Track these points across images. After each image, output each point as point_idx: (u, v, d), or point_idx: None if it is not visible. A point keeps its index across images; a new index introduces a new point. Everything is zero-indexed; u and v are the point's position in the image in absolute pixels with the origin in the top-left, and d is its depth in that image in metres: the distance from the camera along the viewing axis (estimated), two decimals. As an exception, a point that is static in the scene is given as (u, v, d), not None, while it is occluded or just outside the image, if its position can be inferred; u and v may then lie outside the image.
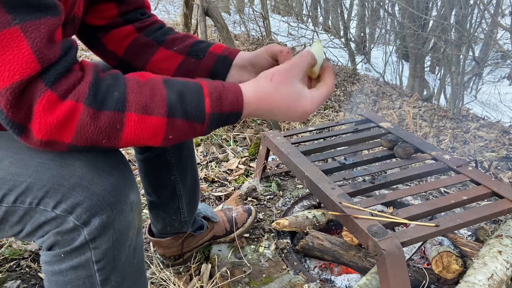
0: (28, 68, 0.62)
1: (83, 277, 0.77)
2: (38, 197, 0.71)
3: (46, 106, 0.64)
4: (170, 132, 0.73)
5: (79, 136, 0.68)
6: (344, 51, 5.87)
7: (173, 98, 0.73)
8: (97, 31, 1.05)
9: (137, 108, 0.70)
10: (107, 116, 0.68)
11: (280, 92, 0.80)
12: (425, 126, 3.38)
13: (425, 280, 1.35)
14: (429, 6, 5.70)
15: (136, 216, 0.81)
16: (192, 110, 0.74)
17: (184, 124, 0.74)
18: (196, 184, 1.40)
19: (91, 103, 0.66)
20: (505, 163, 2.43)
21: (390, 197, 1.38)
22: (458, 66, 4.47)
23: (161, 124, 0.72)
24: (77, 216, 0.72)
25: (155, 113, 0.71)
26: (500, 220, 1.70)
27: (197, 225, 1.48)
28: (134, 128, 0.70)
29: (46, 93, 0.64)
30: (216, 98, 0.75)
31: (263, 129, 3.03)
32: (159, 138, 0.74)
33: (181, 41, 1.06)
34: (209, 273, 1.46)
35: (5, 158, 0.74)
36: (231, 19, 7.37)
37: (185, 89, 0.75)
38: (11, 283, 1.39)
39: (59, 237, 0.73)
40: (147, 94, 0.71)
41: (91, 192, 0.72)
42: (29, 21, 0.63)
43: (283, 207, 1.83)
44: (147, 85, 0.72)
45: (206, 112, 0.75)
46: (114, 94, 0.69)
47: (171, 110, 0.72)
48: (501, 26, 3.64)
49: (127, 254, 0.80)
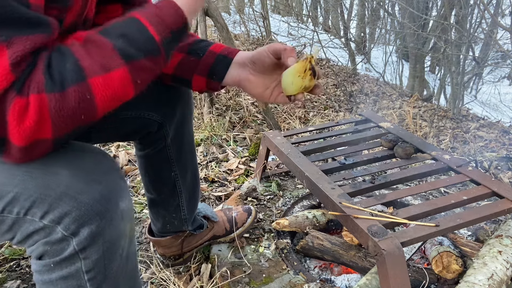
0: (5, 81, 0.61)
1: (73, 287, 0.76)
2: (25, 207, 0.70)
3: (19, 113, 0.63)
4: (136, 76, 0.73)
5: (58, 124, 0.66)
6: (344, 51, 5.87)
7: (120, 43, 0.71)
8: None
9: (95, 70, 0.68)
10: (72, 92, 0.65)
11: None
12: (425, 126, 3.38)
13: (425, 280, 1.35)
14: (429, 6, 5.70)
15: (128, 224, 0.79)
16: (143, 45, 0.73)
17: (144, 63, 0.73)
18: (196, 181, 1.40)
19: (52, 88, 0.64)
20: (505, 163, 2.43)
21: (390, 197, 1.38)
22: (458, 66, 4.47)
23: (125, 74, 0.71)
24: (65, 226, 0.70)
25: (114, 67, 0.69)
26: (500, 220, 1.70)
27: (197, 224, 1.49)
28: (103, 90, 0.68)
29: (15, 100, 0.62)
30: (157, 23, 0.75)
31: (263, 129, 3.03)
32: (130, 88, 0.73)
33: None
34: (209, 273, 1.46)
35: None
36: (231, 19, 7.37)
37: (126, 30, 0.73)
38: (11, 283, 1.39)
39: (48, 247, 0.72)
40: (96, 53, 0.69)
41: (79, 202, 0.70)
42: (16, 37, 0.62)
43: (283, 207, 1.83)
44: (90, 44, 0.70)
45: (156, 40, 0.74)
46: (67, 67, 0.66)
47: (125, 56, 0.71)
48: (501, 26, 3.64)
49: (119, 263, 0.79)
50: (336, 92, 4.62)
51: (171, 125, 1.25)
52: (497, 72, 8.06)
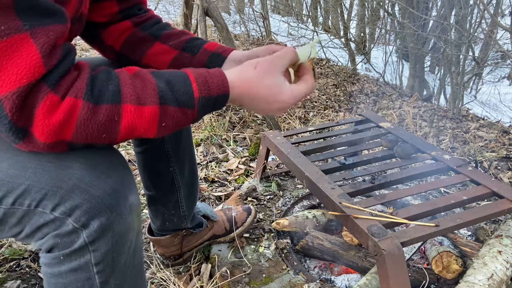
0: (36, 72, 0.63)
1: (82, 280, 0.77)
2: (36, 199, 0.71)
3: (49, 108, 0.65)
4: (163, 119, 0.75)
5: (79, 132, 0.68)
6: (344, 51, 5.87)
7: (163, 86, 0.75)
8: (97, 28, 1.08)
9: (132, 99, 0.71)
10: (105, 109, 0.69)
11: (262, 81, 0.83)
12: (425, 126, 3.38)
13: (425, 280, 1.35)
14: (429, 6, 5.70)
15: (136, 218, 0.81)
16: (182, 96, 0.76)
17: (175, 111, 0.76)
18: (195, 177, 1.41)
19: (90, 98, 0.68)
20: (505, 163, 2.43)
21: (390, 197, 1.38)
22: (458, 66, 4.47)
23: (155, 112, 0.74)
24: (76, 218, 0.71)
25: (148, 103, 0.73)
26: (500, 220, 1.70)
27: (196, 221, 1.49)
28: (131, 118, 0.72)
29: (48, 95, 0.65)
30: (202, 83, 0.78)
31: (263, 129, 3.03)
32: (154, 127, 0.75)
33: (177, 36, 1.09)
34: (209, 273, 1.46)
35: (4, 160, 0.73)
36: (231, 19, 7.37)
37: (173, 78, 0.77)
38: (11, 283, 1.39)
39: (58, 239, 0.73)
40: (139, 86, 0.73)
41: (90, 195, 0.72)
42: (39, 27, 0.64)
43: (283, 207, 1.83)
44: (137, 77, 0.75)
45: (195, 96, 0.77)
46: (109, 88, 0.70)
47: (162, 98, 0.74)
48: (501, 26, 3.64)
49: (126, 256, 0.80)
50: (336, 92, 4.62)
51: None
52: (497, 72, 8.06)
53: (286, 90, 0.84)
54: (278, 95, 0.83)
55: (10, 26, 0.62)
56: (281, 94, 0.84)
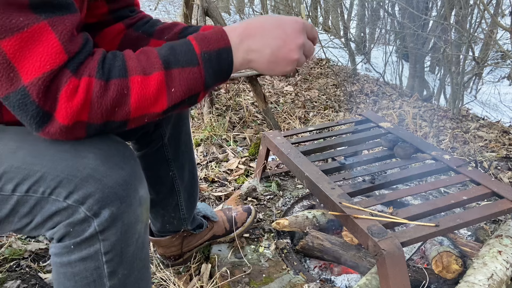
0: (58, 59, 0.68)
1: (91, 269, 0.78)
2: (51, 186, 0.72)
3: (72, 91, 0.69)
4: (170, 84, 0.77)
5: (94, 110, 0.71)
6: (344, 51, 5.87)
7: (164, 52, 0.78)
8: (89, 30, 1.07)
9: (137, 71, 0.74)
10: (114, 85, 0.72)
11: (263, 17, 0.84)
12: (425, 126, 3.38)
13: (425, 280, 1.35)
14: (429, 6, 5.70)
15: (144, 211, 0.82)
16: (184, 56, 0.78)
17: (181, 72, 0.77)
18: (194, 181, 1.41)
19: (101, 76, 0.71)
20: (505, 163, 2.43)
21: (390, 197, 1.38)
22: (458, 66, 4.46)
23: (161, 78, 0.75)
24: (88, 207, 0.73)
25: (153, 71, 0.75)
26: (500, 220, 1.70)
27: (197, 223, 1.49)
28: (140, 89, 0.74)
29: (71, 79, 0.69)
30: (201, 39, 0.80)
31: (263, 129, 3.03)
32: (163, 95, 0.76)
33: (169, 29, 1.09)
34: (209, 273, 1.46)
35: (21, 149, 0.75)
36: (231, 19, 7.37)
37: (174, 44, 0.80)
38: (11, 283, 1.39)
39: (70, 228, 0.74)
40: (143, 59, 0.76)
41: (103, 184, 0.73)
42: (55, 16, 0.69)
43: (283, 207, 1.82)
44: (141, 52, 0.78)
45: (196, 53, 0.79)
46: (115, 64, 0.74)
47: (165, 62, 0.76)
48: (501, 26, 3.64)
49: (134, 247, 0.81)
50: (336, 92, 4.62)
51: (168, 124, 1.25)
52: (497, 72, 8.05)
53: (289, 17, 0.84)
54: (283, 22, 0.82)
55: (29, 17, 0.66)
56: (286, 19, 0.83)
